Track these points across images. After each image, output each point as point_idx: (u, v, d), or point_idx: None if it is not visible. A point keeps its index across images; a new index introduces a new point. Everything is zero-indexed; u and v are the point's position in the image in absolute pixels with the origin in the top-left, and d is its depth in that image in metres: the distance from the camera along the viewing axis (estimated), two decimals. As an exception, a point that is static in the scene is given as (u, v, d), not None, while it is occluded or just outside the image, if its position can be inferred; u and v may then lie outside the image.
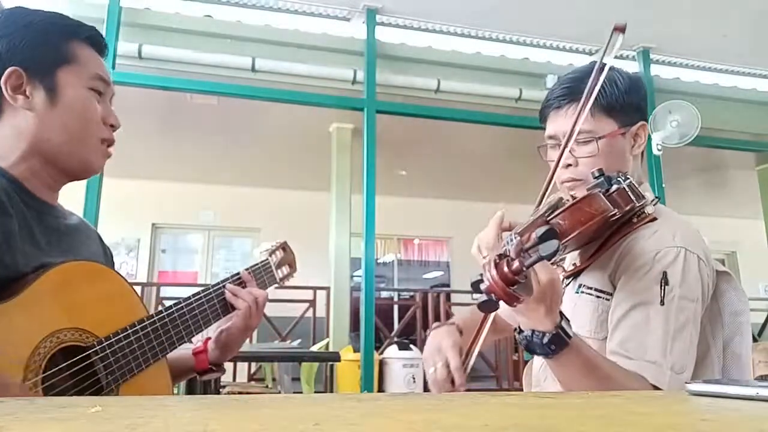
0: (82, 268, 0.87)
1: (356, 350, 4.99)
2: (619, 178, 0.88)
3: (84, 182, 3.78)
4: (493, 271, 0.69)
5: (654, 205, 0.97)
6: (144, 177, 7.51)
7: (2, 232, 0.77)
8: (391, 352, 5.83)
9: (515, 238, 0.77)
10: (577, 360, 0.82)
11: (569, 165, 1.01)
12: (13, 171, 0.86)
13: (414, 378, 5.68)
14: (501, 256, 0.70)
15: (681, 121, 4.85)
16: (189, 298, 1.00)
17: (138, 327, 0.89)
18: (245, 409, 0.40)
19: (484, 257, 0.94)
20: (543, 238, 0.66)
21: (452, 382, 0.96)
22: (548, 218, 0.83)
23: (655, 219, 0.94)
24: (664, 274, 0.90)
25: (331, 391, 5.45)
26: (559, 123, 1.04)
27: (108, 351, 0.84)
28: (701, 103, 4.97)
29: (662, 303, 0.88)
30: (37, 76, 0.87)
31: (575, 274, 1.02)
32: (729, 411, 0.44)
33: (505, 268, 0.69)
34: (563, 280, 1.04)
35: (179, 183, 7.76)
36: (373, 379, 4.50)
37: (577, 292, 1.00)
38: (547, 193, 0.94)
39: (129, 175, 7.13)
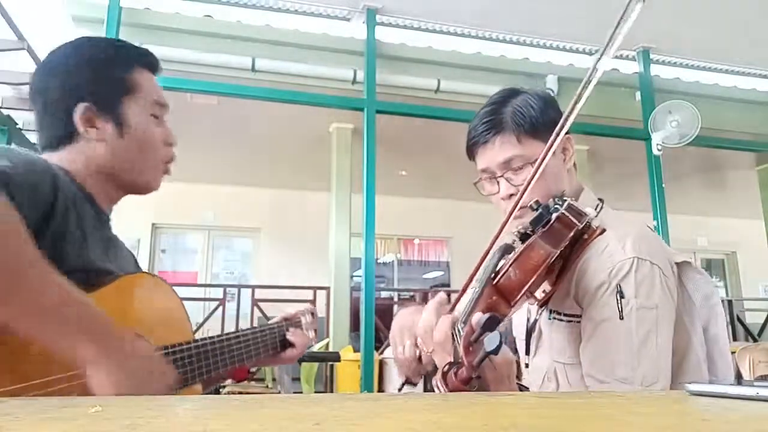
0: (149, 281, 0.94)
1: (356, 350, 4.99)
2: (557, 205, 0.86)
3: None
4: (443, 388, 0.68)
5: (599, 211, 0.97)
6: (144, 177, 7.50)
7: (79, 232, 0.83)
8: (391, 352, 5.82)
9: (461, 328, 0.74)
10: None
11: (512, 195, 1.02)
12: (83, 183, 0.92)
13: (414, 378, 5.67)
14: (450, 365, 0.69)
15: (681, 121, 4.86)
16: (246, 331, 1.09)
17: (192, 346, 0.93)
18: (245, 409, 0.40)
19: (429, 351, 0.88)
20: (486, 327, 0.65)
21: (419, 360, 0.95)
22: (495, 282, 0.83)
23: (603, 231, 0.93)
24: (618, 287, 0.89)
25: (331, 391, 5.45)
26: (488, 156, 1.05)
27: None
28: (701, 103, 4.98)
29: (621, 317, 0.88)
30: (105, 109, 0.93)
31: (546, 302, 1.01)
32: (729, 411, 0.44)
33: (454, 378, 0.67)
34: (538, 309, 1.04)
35: (179, 183, 7.75)
36: (373, 379, 4.50)
37: (550, 319, 1.01)
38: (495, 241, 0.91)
39: (129, 175, 7.13)
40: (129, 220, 7.25)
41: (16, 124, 4.77)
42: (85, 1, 4.29)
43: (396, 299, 8.35)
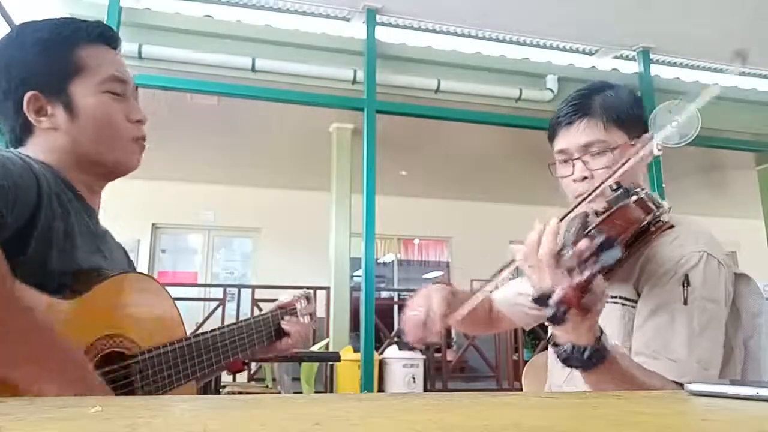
0: (139, 280, 0.91)
1: (356, 350, 4.99)
2: (636, 189, 0.88)
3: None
4: (566, 282, 0.70)
5: (668, 212, 0.99)
6: (144, 177, 7.50)
7: (65, 229, 0.81)
8: (391, 352, 5.83)
9: (569, 250, 0.76)
10: (613, 372, 0.82)
11: (585, 178, 1.03)
12: (66, 176, 0.89)
13: (414, 378, 5.68)
14: (568, 269, 0.71)
15: (681, 121, 4.86)
16: (239, 323, 1.06)
17: (184, 344, 0.92)
18: (245, 409, 0.40)
19: (537, 267, 0.85)
20: (603, 248, 0.67)
21: (425, 324, 0.96)
22: (588, 231, 0.83)
23: (672, 226, 0.96)
24: (686, 276, 0.92)
25: (331, 391, 5.45)
26: (570, 137, 1.06)
27: (148, 362, 0.86)
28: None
29: (685, 303, 0.90)
30: (53, 94, 0.88)
31: None
32: (729, 411, 0.44)
33: (576, 279, 0.69)
34: None
35: (179, 183, 7.76)
36: (373, 379, 4.50)
37: None
38: (580, 205, 0.91)
39: (129, 175, 7.10)
40: (129, 220, 7.29)
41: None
42: (85, 1, 4.29)
43: (396, 299, 8.35)
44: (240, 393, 3.67)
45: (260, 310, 5.89)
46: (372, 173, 4.59)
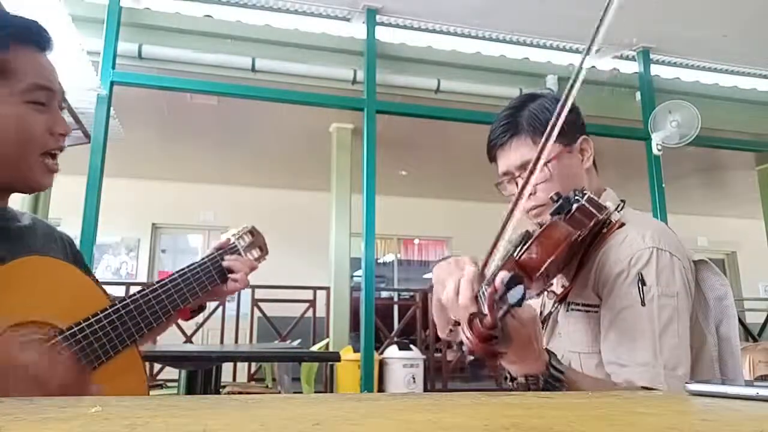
0: (36, 262, 0.84)
1: (356, 350, 4.99)
2: (577, 197, 0.88)
3: (83, 182, 3.78)
4: (468, 333, 0.68)
5: (620, 210, 0.99)
6: (144, 177, 7.51)
7: None
8: (391, 352, 5.83)
9: (485, 289, 0.74)
10: (576, 391, 0.83)
11: (530, 194, 1.03)
12: None
13: (414, 378, 5.68)
14: (473, 314, 0.69)
15: (681, 121, 4.86)
16: (173, 275, 1.01)
17: (110, 310, 0.88)
18: (245, 409, 0.40)
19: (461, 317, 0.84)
20: (509, 285, 0.65)
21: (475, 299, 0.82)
22: (517, 257, 0.83)
23: (623, 225, 0.96)
24: (640, 275, 0.91)
25: (331, 391, 5.45)
26: (506, 158, 1.08)
27: (72, 341, 0.82)
28: (701, 103, 4.97)
29: (643, 304, 0.90)
30: None
31: (563, 297, 1.03)
32: (729, 411, 0.44)
33: (479, 326, 0.67)
34: (554, 304, 1.06)
35: (179, 183, 7.76)
36: (373, 379, 4.50)
37: (568, 311, 1.02)
38: (508, 227, 0.90)
39: (129, 175, 7.14)
40: (129, 220, 7.29)
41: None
42: (85, 1, 4.29)
43: (396, 299, 8.35)
44: (240, 393, 3.67)
45: (260, 310, 5.84)
46: (372, 173, 4.59)
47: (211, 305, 6.71)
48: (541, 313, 1.11)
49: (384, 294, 8.85)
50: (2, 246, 0.86)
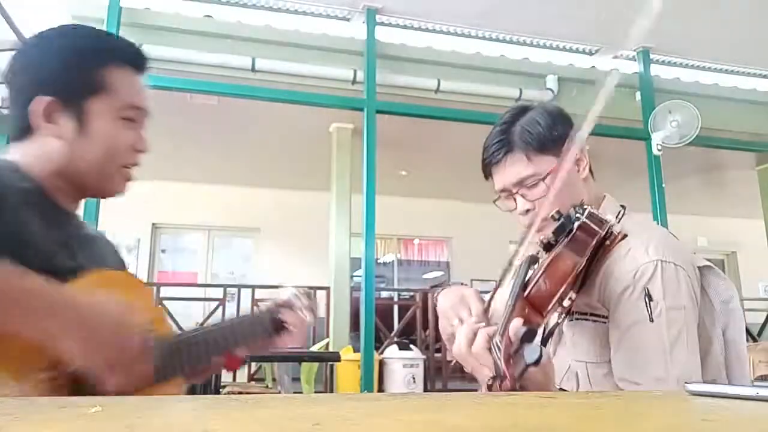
0: (117, 276, 0.90)
1: (356, 350, 4.99)
2: (578, 214, 0.87)
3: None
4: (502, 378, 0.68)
5: (621, 218, 0.97)
6: (144, 177, 7.44)
7: (28, 232, 0.80)
8: (391, 352, 5.83)
9: (499, 343, 0.73)
10: None
11: (528, 210, 1.04)
12: (41, 179, 0.88)
13: (414, 378, 5.68)
14: (493, 378, 0.70)
15: (681, 121, 4.86)
16: (234, 319, 1.07)
17: (174, 340, 0.90)
18: (245, 409, 0.40)
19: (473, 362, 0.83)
20: (525, 339, 0.67)
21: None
22: (526, 295, 0.83)
23: (625, 236, 0.93)
24: (646, 290, 0.91)
25: (331, 391, 5.45)
26: (502, 175, 1.07)
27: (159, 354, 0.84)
28: (701, 103, 4.97)
29: (651, 320, 0.90)
30: (68, 105, 0.87)
31: (569, 309, 1.01)
32: (729, 411, 0.44)
33: (500, 390, 0.68)
34: (561, 315, 1.04)
35: (179, 183, 7.76)
36: (373, 379, 4.50)
37: (572, 321, 1.02)
38: (514, 261, 0.91)
39: (129, 175, 7.12)
40: (129, 220, 7.28)
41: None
42: (86, 1, 4.29)
43: (396, 299, 8.35)
44: (240, 393, 3.67)
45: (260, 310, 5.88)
46: (372, 173, 4.59)
47: (210, 305, 6.69)
48: (548, 324, 1.10)
49: (384, 294, 8.84)
50: (82, 254, 0.89)
